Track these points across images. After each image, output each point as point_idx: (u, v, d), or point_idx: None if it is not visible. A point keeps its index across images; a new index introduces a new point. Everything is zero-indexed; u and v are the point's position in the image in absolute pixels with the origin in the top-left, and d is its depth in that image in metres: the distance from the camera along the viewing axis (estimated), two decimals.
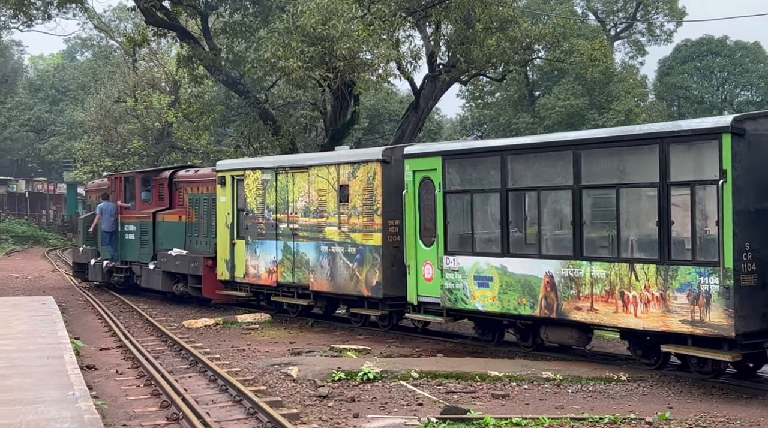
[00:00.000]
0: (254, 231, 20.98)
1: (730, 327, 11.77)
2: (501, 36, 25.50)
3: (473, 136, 45.27)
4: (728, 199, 11.83)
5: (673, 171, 12.56)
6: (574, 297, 13.77)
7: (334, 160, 18.83)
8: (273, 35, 24.01)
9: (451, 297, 15.91)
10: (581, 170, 13.82)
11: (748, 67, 60.66)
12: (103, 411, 10.64)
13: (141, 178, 26.70)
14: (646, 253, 13.01)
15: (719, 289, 11.90)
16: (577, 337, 14.35)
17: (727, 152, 11.86)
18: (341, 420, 10.92)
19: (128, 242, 26.53)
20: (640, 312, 12.88)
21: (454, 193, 16.05)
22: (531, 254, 14.62)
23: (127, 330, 18.82)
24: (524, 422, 10.57)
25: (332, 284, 18.67)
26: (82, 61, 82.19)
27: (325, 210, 18.86)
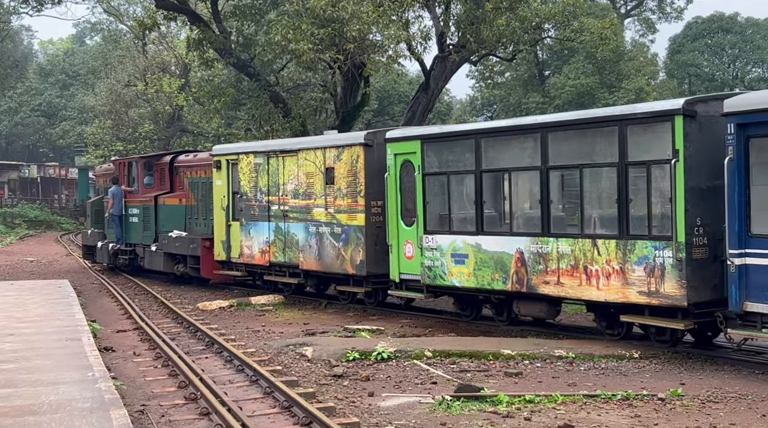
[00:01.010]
0: (248, 213, 21.82)
1: (683, 297, 12.57)
2: (511, 15, 25.43)
3: (483, 117, 45.16)
4: (680, 178, 12.59)
5: (630, 151, 13.33)
6: (543, 272, 14.57)
7: (321, 144, 19.57)
8: (283, 18, 24.02)
9: (431, 275, 16.66)
10: (548, 152, 14.60)
11: (760, 44, 60.26)
12: (122, 392, 10.82)
13: (143, 162, 27.48)
14: (607, 229, 13.81)
15: (673, 262, 12.68)
16: (547, 310, 15.20)
17: (679, 133, 12.62)
18: (356, 399, 11.07)
19: (132, 225, 27.38)
20: (602, 285, 13.66)
21: (432, 174, 16.80)
22: (503, 232, 15.43)
23: (142, 313, 19.02)
24: (537, 399, 10.70)
25: (320, 263, 19.47)
26: (92, 46, 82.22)
27: (312, 192, 19.66)
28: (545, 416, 10.05)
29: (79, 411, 8.95)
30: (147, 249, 26.40)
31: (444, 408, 10.41)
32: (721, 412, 10.15)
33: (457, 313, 17.59)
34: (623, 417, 10.00)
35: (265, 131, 28.68)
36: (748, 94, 13.07)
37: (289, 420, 9.94)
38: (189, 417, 10.25)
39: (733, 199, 12.09)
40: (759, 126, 11.93)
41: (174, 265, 25.00)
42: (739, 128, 12.11)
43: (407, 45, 25.31)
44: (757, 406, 10.41)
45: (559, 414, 10.08)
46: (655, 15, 58.14)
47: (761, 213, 11.96)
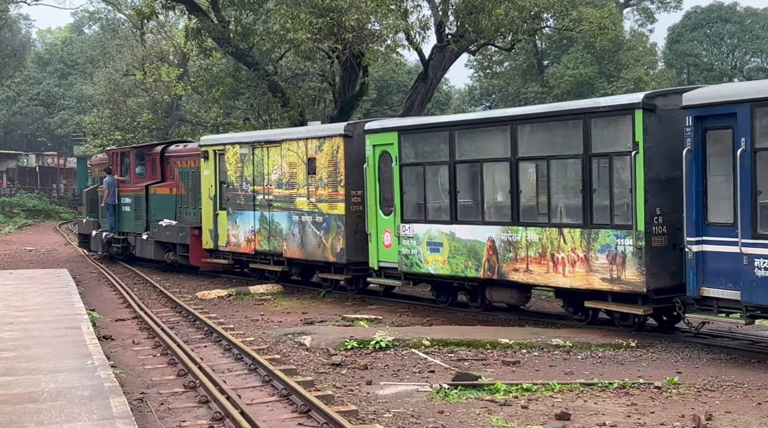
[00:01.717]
0: (234, 202, 22.39)
1: (642, 283, 13.13)
2: (509, 5, 25.39)
3: (482, 107, 45.14)
4: (640, 169, 13.11)
5: (594, 144, 13.87)
6: (513, 260, 15.13)
7: (303, 135, 20.10)
8: (281, 7, 23.97)
9: (407, 262, 17.24)
10: (518, 143, 15.15)
11: (759, 34, 60.27)
12: (121, 380, 10.86)
13: (135, 152, 28.10)
14: (572, 219, 14.39)
15: (633, 250, 13.23)
16: (517, 296, 15.89)
17: (639, 126, 13.12)
18: (355, 387, 11.12)
19: (125, 214, 27.96)
20: (567, 272, 14.22)
21: (409, 165, 17.31)
22: (475, 221, 15.95)
23: (141, 302, 19.06)
24: (534, 387, 10.76)
25: (303, 251, 20.04)
26: (90, 35, 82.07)
27: (295, 182, 20.20)
28: (542, 404, 10.11)
29: (78, 399, 9.00)
30: (138, 238, 26.90)
31: (441, 396, 10.46)
32: (717, 400, 10.22)
33: (432, 299, 18.14)
34: (620, 405, 10.06)
35: (264, 121, 28.67)
36: (705, 88, 13.49)
37: (287, 408, 10.00)
38: (188, 404, 10.31)
39: (690, 189, 12.57)
40: (716, 118, 12.37)
41: (164, 253, 25.48)
42: (697, 121, 12.54)
43: (406, 34, 25.29)
44: (753, 394, 10.48)
45: (556, 403, 10.14)
46: (654, 5, 58.08)
47: (717, 202, 12.44)
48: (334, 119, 27.32)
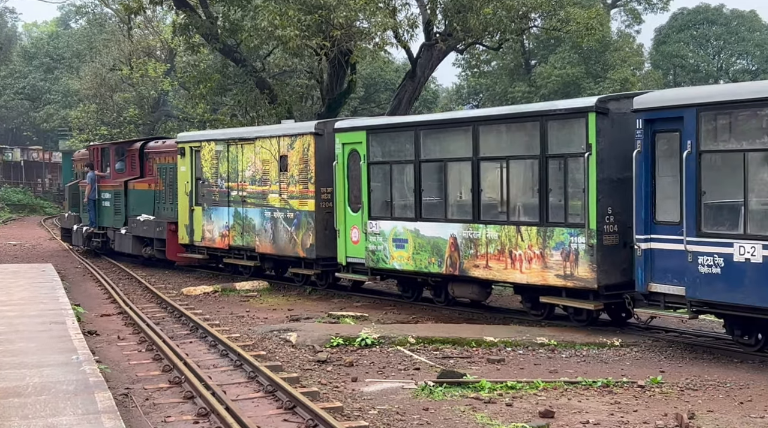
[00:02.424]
0: (210, 198, 22.83)
1: (594, 280, 13.67)
2: (497, 4, 25.45)
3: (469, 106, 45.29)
4: (593, 170, 13.64)
5: (550, 145, 14.40)
6: (473, 256, 15.63)
7: (276, 133, 20.51)
8: (270, 3, 23.93)
9: (374, 258, 17.74)
10: (479, 144, 15.62)
11: (744, 36, 60.59)
12: (106, 375, 10.85)
13: (115, 148, 28.59)
14: (529, 217, 14.92)
15: (585, 247, 13.75)
16: (478, 292, 16.32)
17: (592, 128, 13.65)
18: (340, 384, 11.15)
19: (104, 209, 28.32)
20: (524, 269, 14.76)
21: (376, 163, 17.79)
22: (438, 218, 16.43)
23: (126, 297, 19.02)
24: (519, 385, 10.81)
25: (274, 246, 20.49)
26: (77, 29, 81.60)
27: (268, 178, 20.62)
28: (527, 402, 10.16)
29: (63, 394, 9.00)
30: (117, 233, 27.32)
31: (427, 393, 10.51)
32: (700, 399, 10.30)
33: (399, 294, 18.61)
34: (603, 403, 10.12)
35: (251, 117, 28.66)
36: (655, 92, 14.17)
37: (272, 404, 10.02)
38: (173, 400, 10.31)
39: (640, 189, 13.10)
40: (665, 121, 12.90)
41: (142, 248, 25.88)
42: (647, 123, 13.07)
43: (394, 32, 25.31)
44: (735, 394, 10.57)
45: (541, 401, 10.20)
46: (641, 6, 58.27)
47: (665, 202, 12.99)
48: (321, 116, 27.31)
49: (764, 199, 12.12)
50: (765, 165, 12.10)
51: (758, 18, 62.03)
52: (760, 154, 11.99)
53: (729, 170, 12.38)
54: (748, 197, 11.97)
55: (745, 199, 11.98)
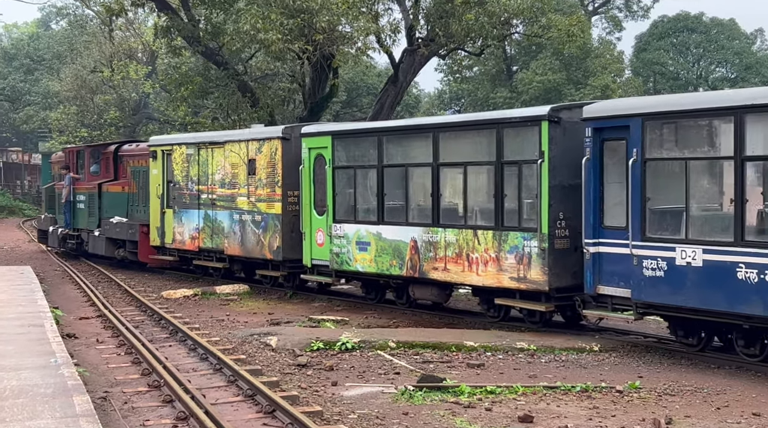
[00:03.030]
0: (180, 201, 23.24)
1: (545, 282, 14.13)
2: (479, 10, 25.54)
3: (451, 111, 45.27)
4: (545, 176, 14.11)
5: (506, 152, 14.89)
6: (433, 259, 16.07)
7: (245, 137, 20.94)
8: (252, 7, 23.90)
9: (338, 260, 18.14)
10: (439, 150, 16.09)
11: (724, 44, 61.09)
12: (85, 378, 10.79)
13: (90, 151, 28.89)
14: (485, 221, 15.37)
15: (538, 251, 14.22)
16: (437, 294, 16.77)
17: (545, 136, 14.13)
18: (320, 388, 11.15)
19: (79, 211, 28.65)
20: (480, 271, 15.20)
21: (341, 168, 18.23)
22: (400, 222, 16.91)
23: (106, 300, 18.94)
24: (498, 390, 10.85)
25: (243, 249, 20.87)
26: (58, 30, 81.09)
27: (237, 181, 21.05)
28: (506, 407, 10.20)
29: (41, 397, 8.95)
30: (91, 235, 27.60)
31: (406, 397, 10.53)
32: (677, 405, 10.37)
33: (362, 296, 19.11)
34: (582, 408, 10.18)
35: (233, 121, 28.57)
36: (604, 102, 14.80)
37: (252, 408, 10.00)
38: (152, 404, 10.27)
39: (589, 194, 13.59)
40: (612, 130, 13.40)
41: (115, 250, 26.27)
42: (596, 132, 13.57)
43: (376, 37, 25.36)
44: (712, 399, 10.65)
45: (520, 405, 10.24)
46: (622, 13, 58.68)
47: (612, 207, 13.48)
48: (303, 120, 27.28)
49: (704, 206, 12.77)
50: (705, 173, 12.77)
51: (737, 26, 62.56)
52: (701, 163, 12.60)
53: (672, 177, 12.85)
54: (689, 203, 12.52)
55: (687, 205, 12.52)
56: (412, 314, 17.37)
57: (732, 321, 12.25)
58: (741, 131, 11.74)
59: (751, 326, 12.11)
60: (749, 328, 12.22)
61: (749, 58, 61.08)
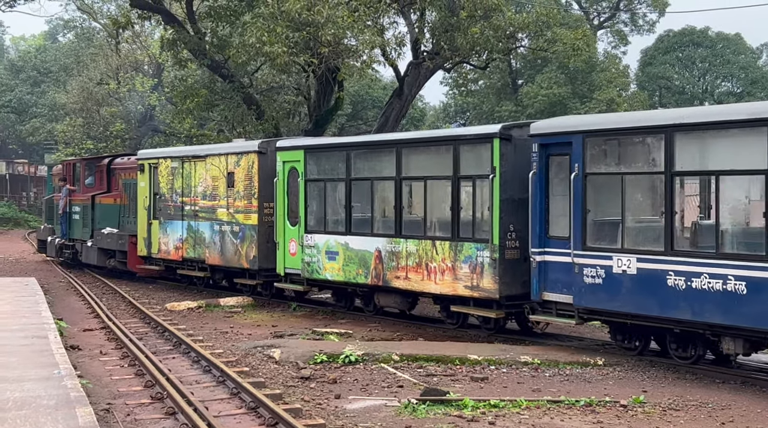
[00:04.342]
0: (165, 212, 24.09)
1: (496, 290, 14.95)
2: (485, 24, 25.58)
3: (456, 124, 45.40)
4: (497, 190, 14.94)
5: (462, 167, 15.73)
6: (395, 268, 16.88)
7: (224, 151, 21.90)
8: (258, 20, 23.97)
9: (309, 269, 18.94)
10: (402, 165, 16.94)
11: (729, 59, 61.04)
12: (88, 390, 10.79)
13: (85, 164, 29.99)
14: (443, 232, 16.18)
15: (489, 261, 15.03)
16: (400, 301, 17.58)
17: (496, 153, 14.97)
18: (323, 401, 11.13)
19: (75, 222, 29.67)
20: (438, 280, 15.99)
21: (313, 181, 19.08)
22: (366, 233, 17.71)
23: (110, 312, 18.94)
24: (502, 404, 10.82)
25: (222, 258, 21.72)
26: (65, 43, 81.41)
27: (217, 194, 21.94)
28: (509, 421, 10.16)
29: (44, 409, 8.95)
30: (84, 245, 28.55)
31: (410, 411, 10.50)
32: (682, 419, 10.33)
33: (332, 304, 19.91)
34: (586, 423, 10.14)
35: (238, 133, 28.60)
36: (550, 120, 15.81)
37: (255, 421, 9.98)
38: (155, 416, 10.26)
39: (535, 206, 14.43)
40: (557, 146, 14.27)
41: (107, 260, 27.15)
42: (542, 147, 14.44)
43: (382, 50, 25.39)
44: (716, 414, 10.60)
45: (523, 419, 10.21)
46: (628, 27, 58.71)
47: (557, 219, 14.27)
48: (308, 133, 27.34)
49: (638, 217, 13.70)
50: (639, 186, 13.62)
51: (743, 41, 62.55)
52: (635, 177, 13.49)
53: (609, 191, 13.79)
54: (625, 215, 13.40)
55: (623, 216, 13.39)
56: (416, 327, 17.34)
57: (664, 326, 13.06)
58: (671, 148, 12.64)
59: (682, 330, 12.90)
60: (680, 332, 13.01)
61: (755, 73, 61.05)
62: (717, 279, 11.98)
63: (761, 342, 12.38)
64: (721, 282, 11.94)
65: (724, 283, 11.91)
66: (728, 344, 12.39)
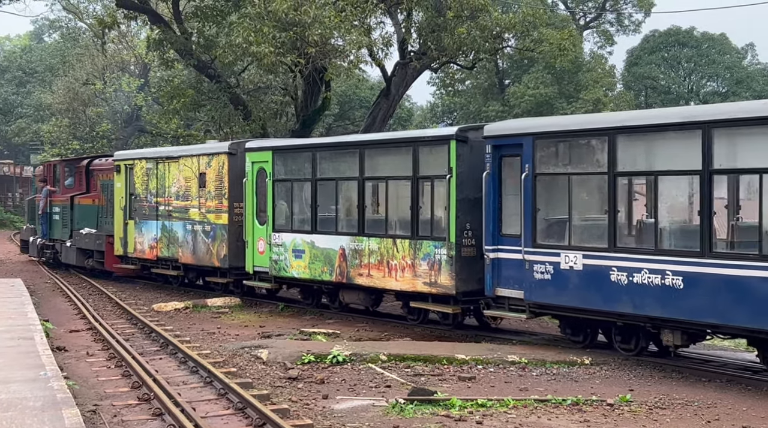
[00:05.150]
0: (141, 212, 24.69)
1: (453, 287, 15.49)
2: (471, 24, 25.62)
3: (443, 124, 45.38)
4: (453, 190, 15.46)
5: (421, 168, 16.27)
6: (358, 266, 17.38)
7: (196, 152, 22.44)
8: (245, 20, 23.95)
9: (277, 267, 19.39)
10: (365, 165, 17.42)
11: (715, 58, 61.30)
12: (74, 391, 10.75)
13: (65, 165, 30.49)
14: (403, 231, 16.68)
15: (446, 258, 15.54)
16: (364, 298, 18.06)
17: (453, 154, 15.50)
18: (310, 401, 11.12)
19: (55, 222, 30.17)
20: (399, 277, 16.52)
21: (280, 181, 19.56)
22: (330, 231, 18.18)
23: (96, 313, 18.88)
24: (489, 403, 10.84)
25: (194, 257, 22.22)
26: (50, 43, 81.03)
27: (190, 194, 22.44)
28: (497, 420, 10.19)
29: (30, 410, 8.91)
30: (63, 245, 28.98)
31: (397, 411, 10.50)
32: (668, 418, 10.38)
33: (300, 301, 20.34)
34: (573, 421, 10.17)
35: (225, 133, 28.56)
36: (502, 122, 16.73)
37: (242, 422, 9.97)
38: (142, 417, 10.23)
39: (489, 205, 14.98)
40: (509, 147, 14.82)
41: (85, 259, 27.53)
42: (495, 149, 15.00)
43: (369, 50, 25.39)
44: (702, 413, 10.66)
45: (511, 418, 10.24)
46: (614, 27, 58.80)
47: (509, 217, 14.87)
48: (295, 133, 27.33)
49: (584, 216, 14.29)
50: (585, 186, 14.22)
51: (728, 41, 62.82)
52: (581, 177, 14.07)
53: (557, 190, 14.30)
54: (571, 214, 14.00)
55: (570, 215, 14.00)
56: (404, 327, 17.35)
57: (609, 319, 13.63)
58: (613, 150, 13.23)
59: (625, 323, 13.50)
60: (623, 325, 13.60)
61: (740, 73, 61.33)
62: (656, 274, 12.56)
63: (698, 334, 13.05)
64: (659, 277, 12.52)
65: (662, 278, 12.49)
66: (667, 336, 12.96)
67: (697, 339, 13.31)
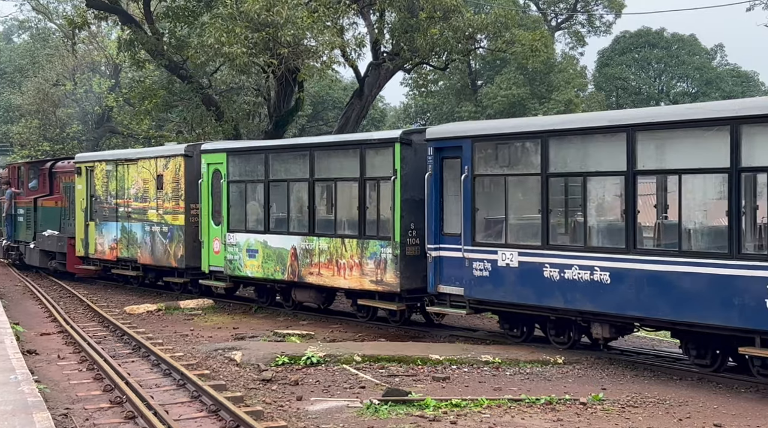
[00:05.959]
0: (101, 214, 25.09)
1: (398, 284, 16.00)
2: (444, 25, 25.66)
3: (416, 124, 45.42)
4: (398, 191, 15.96)
5: (368, 169, 16.74)
6: (309, 265, 17.85)
7: (154, 154, 22.96)
8: (216, 20, 23.83)
9: (231, 267, 19.87)
10: (315, 167, 17.94)
11: (684, 59, 61.86)
12: (45, 395, 10.65)
13: (29, 167, 30.78)
14: (351, 231, 17.16)
15: (392, 257, 16.05)
16: (315, 297, 18.54)
17: (397, 156, 16.00)
18: (285, 403, 11.09)
19: (19, 224, 30.53)
20: (347, 276, 17.02)
21: (234, 182, 20.03)
22: (282, 231, 18.64)
23: (67, 316, 18.71)
24: (464, 403, 10.87)
25: (153, 258, 22.69)
26: (20, 44, 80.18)
27: (148, 195, 22.89)
28: (471, 420, 10.21)
29: (1, 414, 8.80)
30: (27, 247, 29.31)
31: (372, 412, 10.50)
32: (640, 416, 10.45)
33: (255, 300, 20.73)
34: (546, 421, 10.22)
35: (197, 134, 28.39)
36: (443, 126, 17.29)
37: (216, 424, 9.93)
38: (114, 420, 10.15)
39: (431, 205, 15.53)
40: (449, 150, 15.37)
41: (48, 261, 27.81)
42: (436, 151, 15.55)
43: (341, 51, 25.38)
44: (674, 411, 10.75)
45: (485, 418, 10.27)
46: (585, 28, 59.11)
47: (450, 217, 15.38)
48: (268, 134, 27.24)
49: (519, 215, 14.82)
50: (520, 187, 14.72)
51: (698, 42, 63.40)
52: (517, 178, 14.62)
53: (494, 191, 14.96)
54: (508, 213, 14.60)
55: (506, 214, 14.60)
56: (378, 328, 17.36)
57: (543, 314, 14.20)
58: (546, 152, 13.80)
59: (558, 317, 14.08)
60: (556, 319, 14.16)
61: (709, 73, 61.94)
62: (585, 270, 13.14)
63: (625, 327, 13.64)
64: (588, 272, 13.10)
65: (591, 274, 13.07)
66: (597, 329, 13.48)
67: (625, 332, 13.92)
